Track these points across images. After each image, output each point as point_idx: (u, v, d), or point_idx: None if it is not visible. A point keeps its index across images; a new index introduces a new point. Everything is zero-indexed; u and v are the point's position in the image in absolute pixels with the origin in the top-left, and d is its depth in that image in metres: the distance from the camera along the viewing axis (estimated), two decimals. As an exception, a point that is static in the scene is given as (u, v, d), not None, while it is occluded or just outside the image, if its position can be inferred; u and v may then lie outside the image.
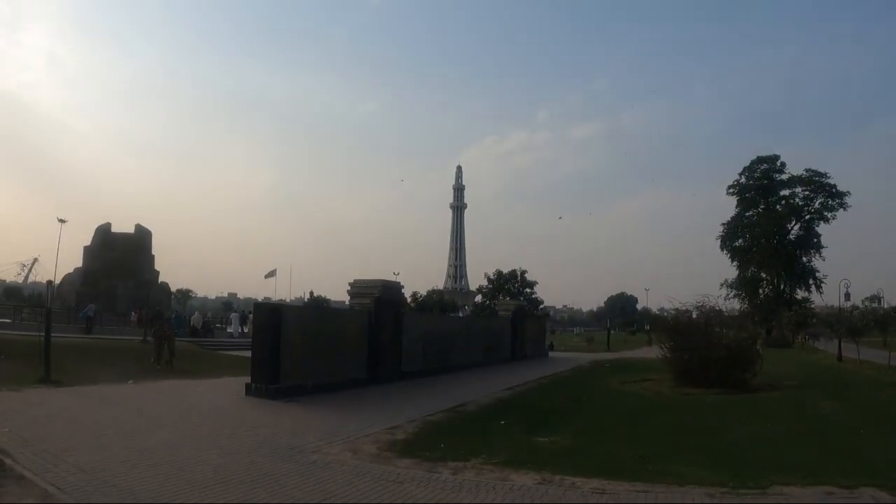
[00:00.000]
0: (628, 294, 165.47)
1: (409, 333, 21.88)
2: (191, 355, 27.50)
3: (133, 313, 41.56)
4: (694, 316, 21.73)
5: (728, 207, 68.89)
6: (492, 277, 68.45)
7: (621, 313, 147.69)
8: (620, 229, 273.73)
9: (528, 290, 66.09)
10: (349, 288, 20.02)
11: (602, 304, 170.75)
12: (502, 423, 13.29)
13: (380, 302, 19.60)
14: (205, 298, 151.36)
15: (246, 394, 15.41)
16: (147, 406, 13.12)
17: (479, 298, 71.10)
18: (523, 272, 68.21)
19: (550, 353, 42.84)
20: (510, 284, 67.89)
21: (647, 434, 12.18)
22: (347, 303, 19.89)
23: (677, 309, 22.29)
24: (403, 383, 20.31)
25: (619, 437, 11.75)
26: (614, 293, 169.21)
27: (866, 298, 59.98)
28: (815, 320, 57.55)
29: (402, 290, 21.70)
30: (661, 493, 7.73)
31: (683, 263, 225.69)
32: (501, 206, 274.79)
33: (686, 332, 20.52)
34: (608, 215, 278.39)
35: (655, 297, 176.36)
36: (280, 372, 15.50)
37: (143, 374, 19.78)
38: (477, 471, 8.75)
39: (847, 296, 38.29)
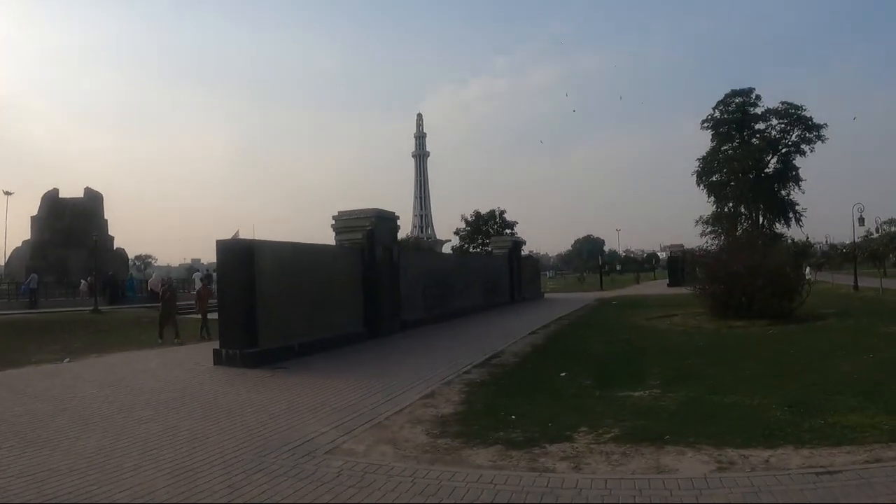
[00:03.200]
0: (595, 237, 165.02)
1: (406, 275, 18.35)
2: (150, 322, 23.76)
3: (83, 282, 37.24)
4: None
5: (696, 145, 67.19)
6: (469, 219, 64.38)
7: (589, 256, 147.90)
8: (584, 173, 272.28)
9: (508, 230, 62.58)
10: (333, 222, 16.16)
11: (569, 248, 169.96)
12: (562, 375, 10.18)
13: (374, 237, 15.85)
14: (167, 266, 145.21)
15: (215, 363, 11.73)
16: (79, 394, 9.31)
17: (456, 242, 67.48)
18: (502, 212, 64.56)
19: (546, 295, 39.82)
20: (489, 226, 64.23)
21: (754, 377, 9.39)
22: (335, 240, 16.10)
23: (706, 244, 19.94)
24: (406, 335, 16.94)
25: (727, 385, 8.85)
26: (581, 236, 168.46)
27: (885, 222, 58.51)
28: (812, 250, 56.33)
29: (399, 222, 17.90)
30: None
31: (651, 204, 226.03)
32: (464, 155, 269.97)
33: (724, 261, 18.50)
34: (571, 160, 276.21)
35: (627, 238, 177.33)
36: (258, 331, 11.82)
37: (88, 348, 16.10)
38: (605, 458, 5.57)
39: (861, 220, 35.19)
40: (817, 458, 5.29)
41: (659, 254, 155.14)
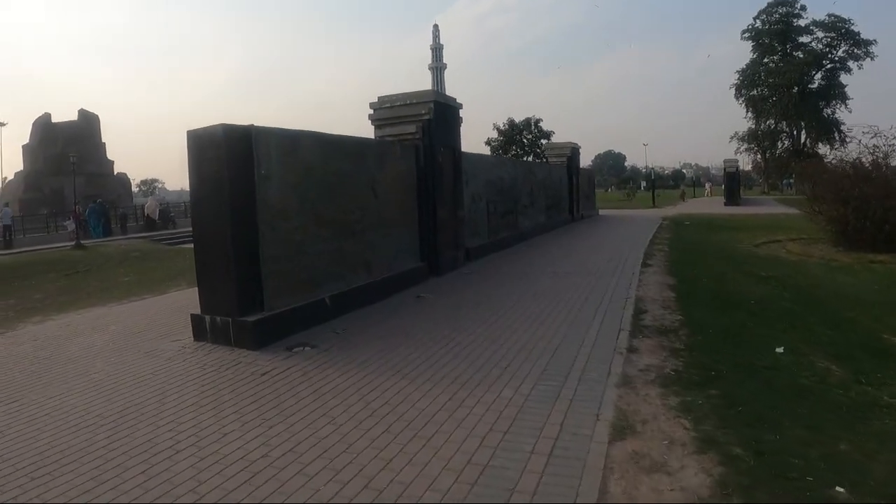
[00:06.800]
0: (616, 152, 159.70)
1: (468, 188, 13.45)
2: (138, 257, 19.36)
3: (70, 216, 31.24)
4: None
5: (723, 61, 63.01)
6: (503, 128, 58.58)
7: (610, 171, 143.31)
8: (603, 87, 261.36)
9: (544, 141, 56.82)
10: (372, 112, 10.98)
11: (590, 163, 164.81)
12: (779, 351, 5.80)
13: (433, 131, 10.85)
14: (180, 191, 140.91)
15: (196, 338, 7.08)
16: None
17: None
18: (538, 121, 58.50)
19: (600, 212, 34.76)
20: (523, 135, 58.44)
21: None
22: (375, 136, 11.02)
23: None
24: (476, 270, 12.23)
25: None
26: (601, 151, 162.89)
27: None
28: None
29: (461, 112, 12.58)
30: None
31: (671, 120, 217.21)
32: (479, 70, 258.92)
33: (857, 180, 14.69)
34: (589, 74, 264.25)
35: (645, 155, 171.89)
36: (263, 283, 6.97)
37: (45, 303, 11.70)
38: None
39: None
40: None
41: (682, 171, 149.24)
